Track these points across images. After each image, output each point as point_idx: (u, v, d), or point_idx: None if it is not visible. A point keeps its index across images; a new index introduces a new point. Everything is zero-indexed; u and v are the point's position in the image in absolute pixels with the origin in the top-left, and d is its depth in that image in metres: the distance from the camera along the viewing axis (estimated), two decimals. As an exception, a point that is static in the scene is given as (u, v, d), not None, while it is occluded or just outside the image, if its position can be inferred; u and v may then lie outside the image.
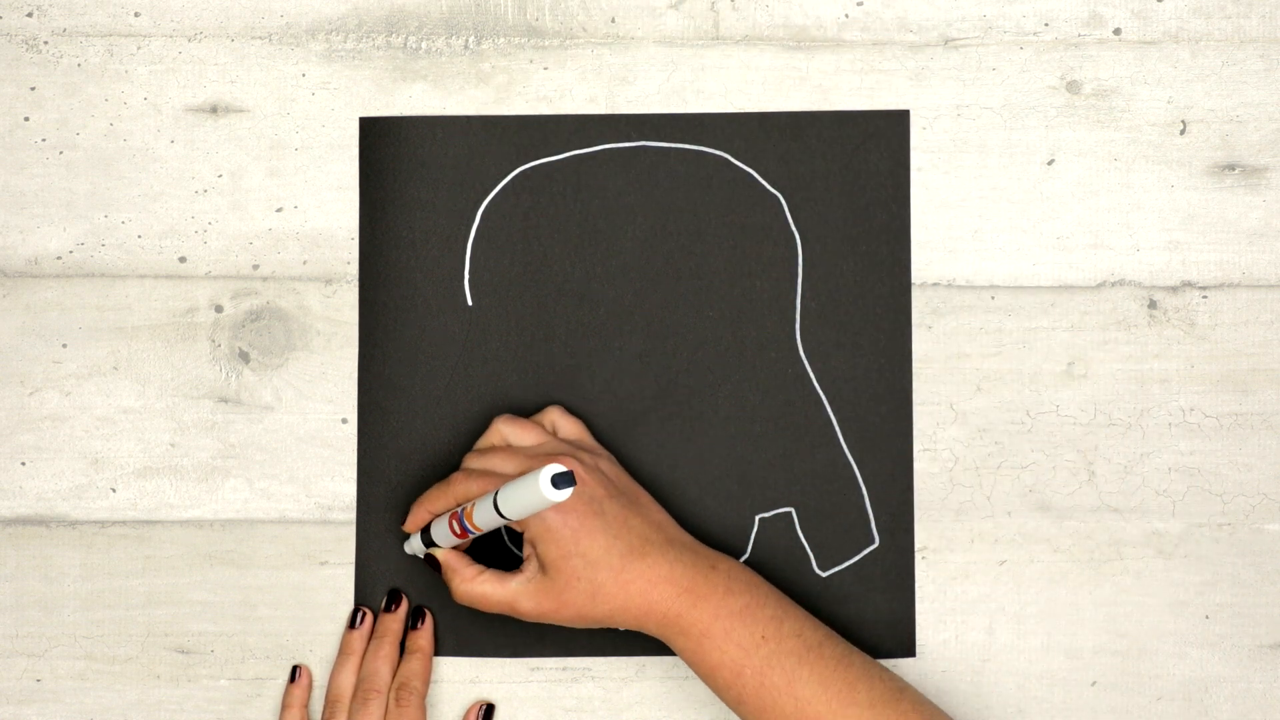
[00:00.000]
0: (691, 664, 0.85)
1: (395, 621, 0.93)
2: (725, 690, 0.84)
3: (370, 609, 0.93)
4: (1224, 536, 0.94)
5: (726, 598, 0.84)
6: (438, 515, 0.89)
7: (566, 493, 0.76)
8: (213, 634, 0.94)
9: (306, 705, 0.92)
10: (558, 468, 0.76)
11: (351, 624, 0.93)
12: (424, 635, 0.93)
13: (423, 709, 0.91)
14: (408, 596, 0.93)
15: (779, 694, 0.82)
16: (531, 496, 0.77)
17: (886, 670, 0.85)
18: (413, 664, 0.91)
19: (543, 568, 0.85)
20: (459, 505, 0.87)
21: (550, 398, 0.94)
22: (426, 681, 0.92)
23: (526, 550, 0.86)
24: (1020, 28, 0.94)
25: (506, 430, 0.90)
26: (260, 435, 0.94)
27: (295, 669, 0.93)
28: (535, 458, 0.86)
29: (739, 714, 0.84)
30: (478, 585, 0.87)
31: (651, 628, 0.85)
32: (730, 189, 0.94)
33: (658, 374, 0.94)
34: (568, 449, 0.88)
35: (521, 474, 0.82)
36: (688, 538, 0.88)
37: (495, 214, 0.94)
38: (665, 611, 0.84)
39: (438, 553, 0.89)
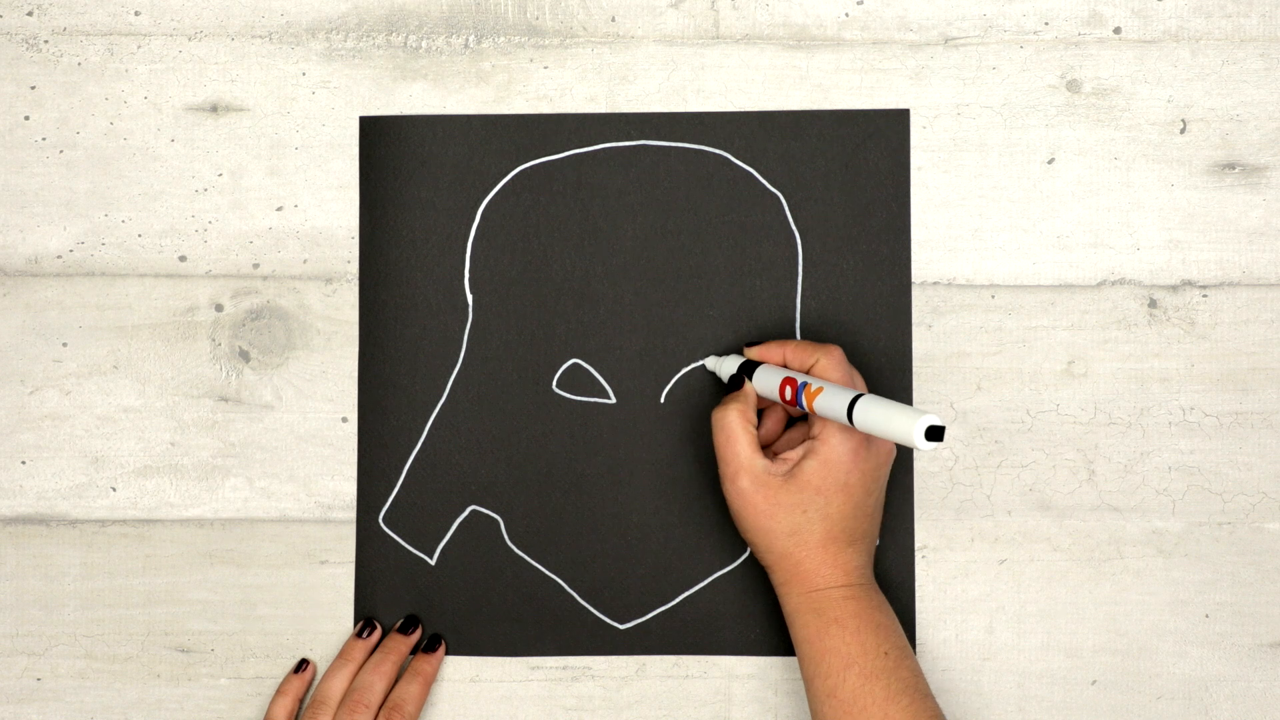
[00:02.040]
0: (806, 640, 0.85)
1: (405, 644, 0.92)
2: (823, 677, 0.84)
3: (380, 624, 0.93)
4: (1224, 535, 0.94)
5: (874, 610, 0.85)
6: (786, 366, 0.88)
7: (932, 446, 0.76)
8: (213, 633, 0.94)
9: (300, 698, 0.92)
10: (936, 420, 0.76)
11: (359, 633, 0.93)
12: (432, 662, 0.92)
13: None
14: (424, 624, 0.93)
15: (873, 702, 0.83)
16: (898, 427, 0.77)
17: None
18: (412, 687, 0.91)
19: (792, 476, 0.85)
20: (809, 372, 0.86)
21: (550, 396, 0.94)
22: (419, 709, 0.91)
23: (794, 453, 0.86)
24: (1020, 27, 0.94)
25: (837, 360, 0.87)
26: (260, 434, 0.94)
27: (303, 661, 0.93)
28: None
29: (819, 706, 0.84)
30: (743, 428, 0.86)
31: (795, 593, 0.86)
32: (730, 188, 0.94)
33: (657, 373, 0.94)
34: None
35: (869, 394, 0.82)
36: (874, 554, 0.90)
37: (495, 213, 0.94)
38: (821, 588, 0.85)
39: (749, 386, 0.88)
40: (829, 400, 0.83)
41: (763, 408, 0.90)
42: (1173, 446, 0.94)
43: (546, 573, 0.94)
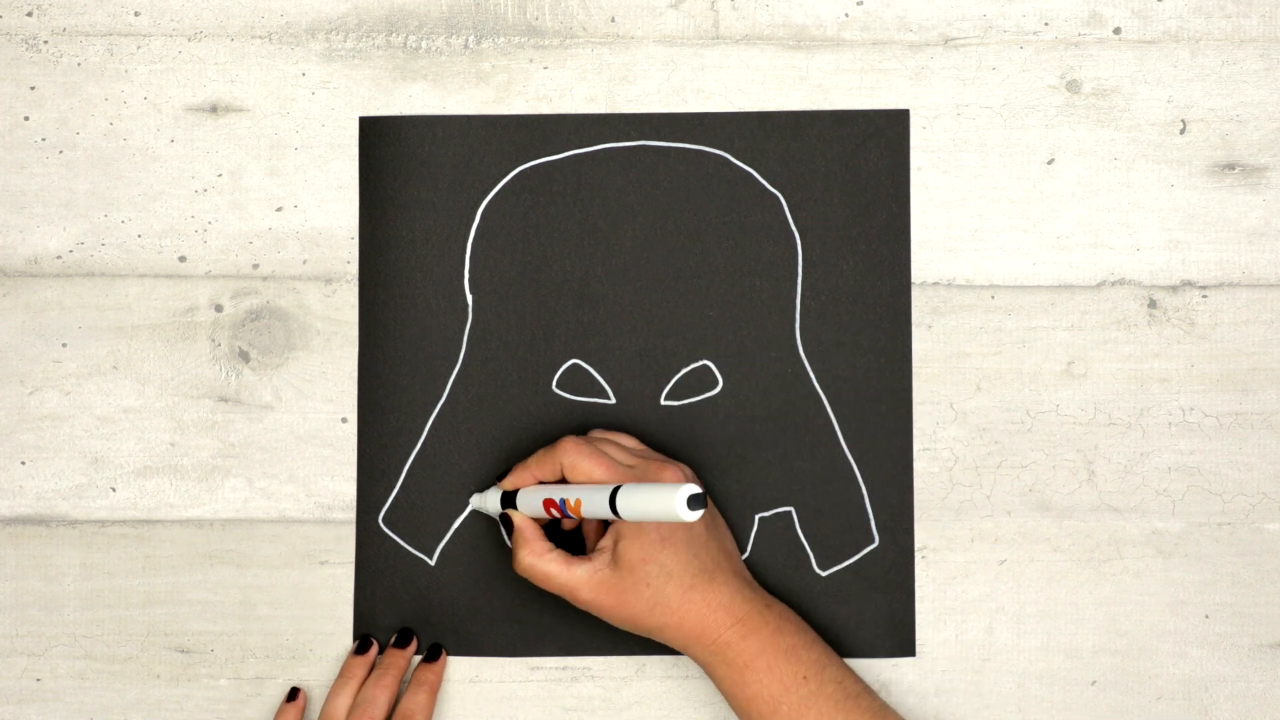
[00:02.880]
0: (729, 694, 0.86)
1: (403, 657, 0.92)
2: None
3: (380, 628, 0.93)
4: (1224, 536, 0.94)
5: (776, 635, 0.85)
6: (538, 482, 0.88)
7: (698, 514, 0.76)
8: (213, 634, 0.94)
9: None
10: (695, 489, 0.76)
11: (356, 650, 0.93)
12: (435, 670, 0.92)
13: None
14: (418, 636, 0.93)
15: None
16: (660, 508, 0.77)
17: None
18: (419, 697, 0.91)
19: (615, 563, 0.85)
20: (560, 481, 0.86)
21: (550, 397, 0.94)
22: (429, 718, 0.91)
23: (604, 541, 0.86)
24: (1020, 27, 0.94)
25: (574, 454, 0.86)
26: (260, 435, 0.94)
27: (294, 690, 0.93)
28: (647, 462, 0.86)
29: None
30: (545, 562, 0.86)
31: (697, 652, 0.86)
32: (730, 188, 0.94)
33: (657, 373, 0.94)
34: (672, 462, 0.87)
35: (633, 479, 0.82)
36: (748, 574, 0.90)
37: (495, 213, 0.94)
38: (715, 639, 0.85)
39: (515, 516, 0.88)
40: (591, 506, 0.82)
41: (575, 523, 0.89)
42: (1173, 447, 0.94)
43: (546, 573, 0.94)
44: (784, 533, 0.94)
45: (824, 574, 0.94)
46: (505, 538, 0.93)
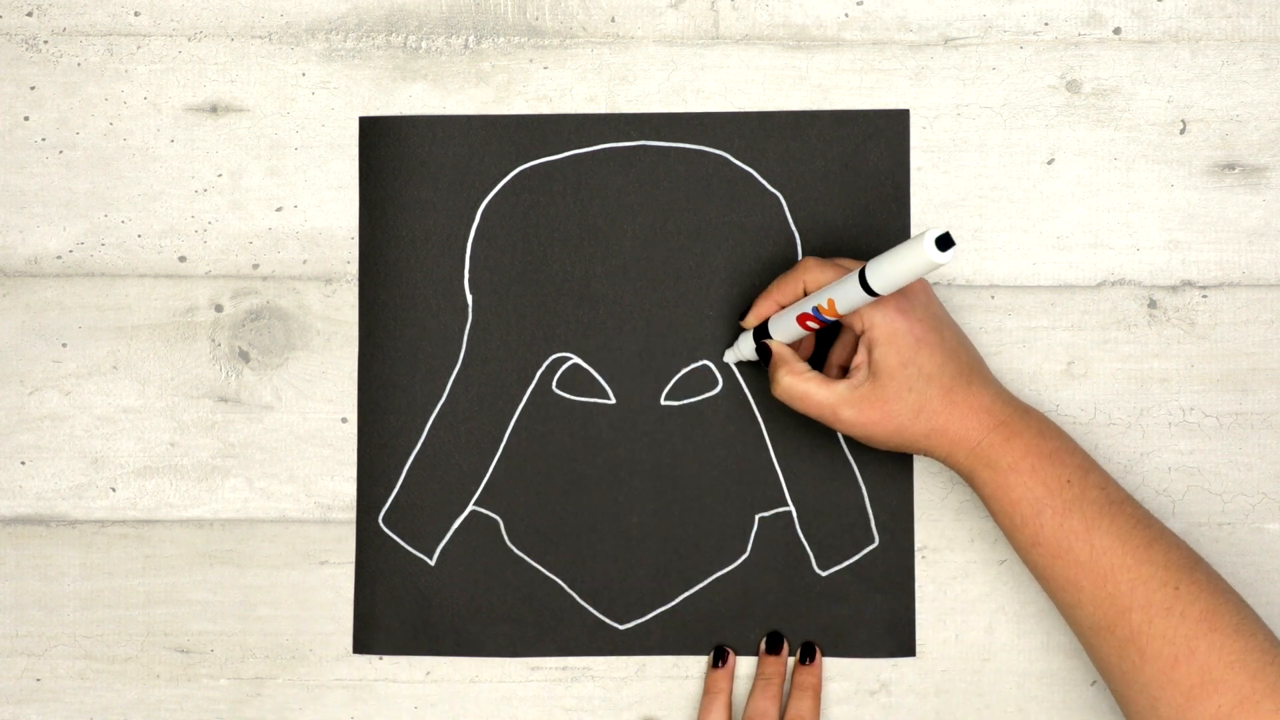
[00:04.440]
0: (991, 498, 0.84)
1: (782, 664, 0.92)
2: (1021, 528, 0.83)
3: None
4: (1224, 536, 0.94)
5: (1038, 439, 0.84)
6: (784, 307, 0.88)
7: (950, 255, 0.75)
8: (213, 634, 0.94)
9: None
10: (940, 230, 0.75)
11: (714, 663, 0.93)
12: (814, 673, 0.92)
13: None
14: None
15: (1076, 538, 0.81)
16: (912, 261, 0.76)
17: (1182, 541, 0.83)
18: (805, 702, 0.91)
19: (874, 375, 0.84)
20: (806, 296, 0.86)
21: (550, 397, 0.94)
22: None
23: (858, 358, 0.85)
24: (1020, 27, 0.94)
25: (815, 269, 0.87)
26: (260, 435, 0.94)
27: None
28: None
29: (1029, 557, 0.83)
30: (804, 381, 0.86)
31: (960, 457, 0.84)
32: (730, 188, 0.94)
33: (657, 373, 0.94)
34: None
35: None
36: (999, 382, 0.88)
37: (495, 213, 0.94)
38: (980, 441, 0.84)
39: (773, 344, 0.88)
40: (844, 297, 0.82)
41: (832, 321, 0.88)
42: (1172, 447, 0.94)
43: (546, 573, 0.94)
44: (784, 533, 0.94)
45: (824, 574, 0.94)
46: (762, 370, 0.91)
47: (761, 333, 0.89)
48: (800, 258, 0.94)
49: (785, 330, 0.87)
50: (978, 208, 0.94)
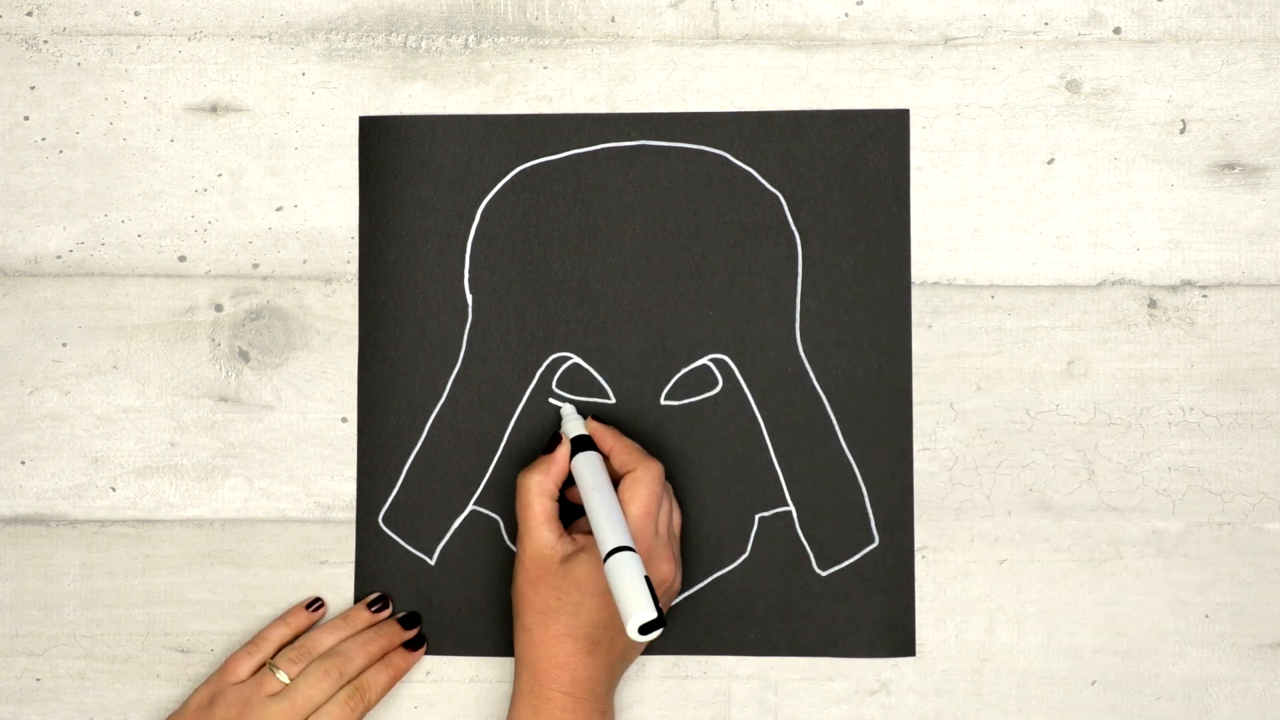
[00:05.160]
0: (510, 714, 0.87)
1: (399, 635, 0.92)
2: None
3: (391, 610, 0.93)
4: (1224, 535, 0.94)
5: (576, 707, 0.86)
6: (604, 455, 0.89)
7: (648, 638, 0.78)
8: (213, 633, 0.94)
9: (298, 634, 0.92)
10: (647, 617, 0.77)
11: (370, 604, 0.93)
12: (409, 659, 0.92)
13: (359, 718, 0.90)
14: (424, 625, 0.93)
15: None
16: (623, 609, 0.78)
17: None
18: (382, 676, 0.91)
19: (565, 560, 0.85)
20: (614, 477, 0.88)
21: (550, 396, 0.94)
22: (381, 697, 0.91)
23: (581, 539, 0.87)
24: (1020, 27, 0.94)
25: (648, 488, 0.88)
26: (260, 434, 0.94)
27: (318, 601, 0.93)
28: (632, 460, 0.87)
29: None
30: (539, 497, 0.87)
31: (526, 675, 0.86)
32: (730, 188, 0.94)
33: (657, 373, 0.94)
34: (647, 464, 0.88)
35: (647, 548, 0.85)
36: (611, 693, 0.89)
37: (495, 213, 0.94)
38: (548, 685, 0.86)
39: (562, 453, 0.88)
40: (600, 534, 0.83)
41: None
42: (1173, 446, 0.94)
43: (546, 573, 0.94)
44: (784, 533, 0.94)
45: (824, 574, 0.94)
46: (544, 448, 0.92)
47: (578, 444, 0.89)
48: (800, 257, 0.94)
49: (579, 475, 0.87)
50: (978, 208, 0.94)
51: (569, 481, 0.89)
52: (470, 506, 0.94)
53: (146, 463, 0.94)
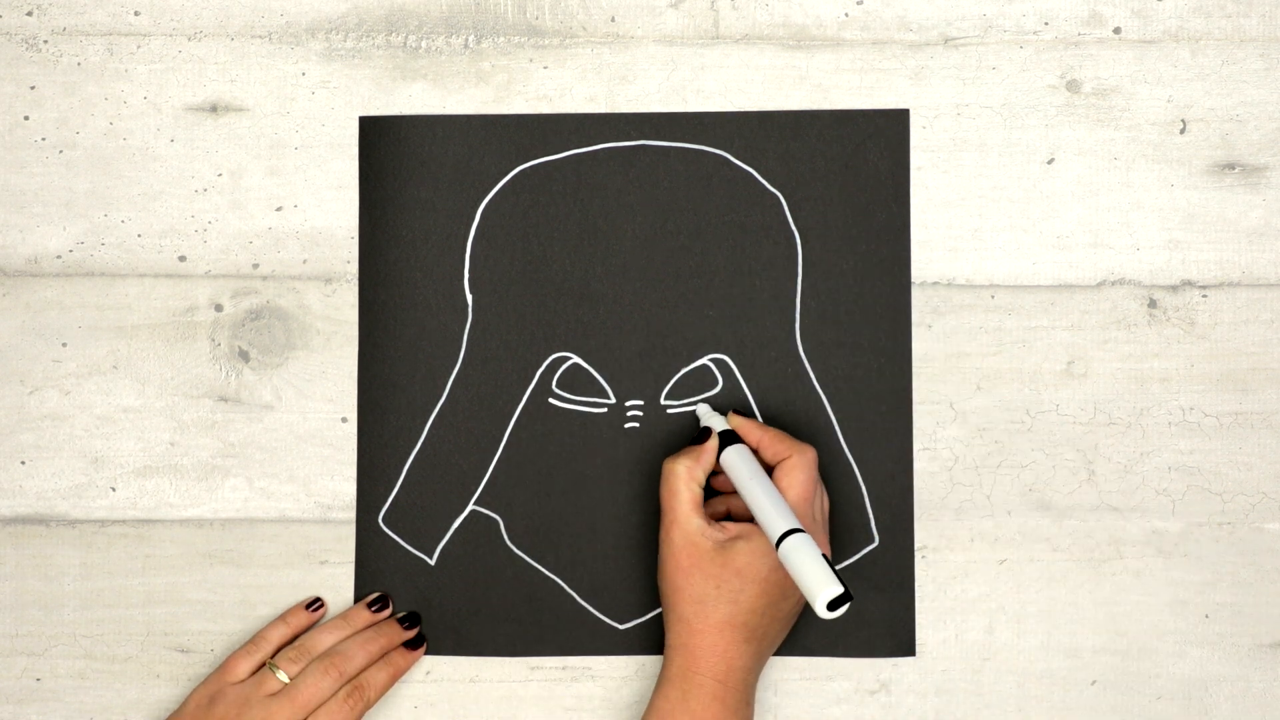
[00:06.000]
0: (657, 711, 0.87)
1: (399, 635, 0.92)
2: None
3: (392, 608, 0.93)
4: (1224, 535, 0.94)
5: (731, 716, 0.86)
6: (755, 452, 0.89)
7: (835, 615, 0.78)
8: (213, 633, 0.94)
9: (298, 634, 0.92)
10: (838, 591, 0.78)
11: (369, 604, 0.93)
12: (409, 658, 0.92)
13: (359, 717, 0.90)
14: (423, 625, 0.93)
15: None
16: (806, 587, 0.79)
17: None
18: (382, 675, 0.91)
19: (722, 548, 0.85)
20: (767, 467, 0.88)
21: (550, 396, 0.94)
22: (380, 696, 0.91)
23: (733, 528, 0.87)
24: (1020, 27, 0.94)
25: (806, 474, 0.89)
26: (260, 434, 0.94)
27: (318, 601, 0.93)
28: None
29: None
30: (686, 484, 0.87)
31: (679, 661, 0.86)
32: (730, 188, 0.94)
33: (657, 373, 0.94)
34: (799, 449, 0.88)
35: (815, 532, 0.86)
36: (763, 661, 0.89)
37: (495, 213, 0.94)
38: (701, 672, 0.85)
39: (711, 445, 0.89)
40: (765, 521, 0.84)
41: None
42: (1173, 446, 0.94)
43: (546, 573, 0.94)
44: (784, 532, 0.94)
45: (824, 574, 0.94)
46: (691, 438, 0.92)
47: (725, 438, 0.89)
48: (800, 257, 0.94)
49: (735, 463, 0.88)
50: (978, 207, 0.94)
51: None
52: (470, 506, 0.94)
53: (146, 463, 0.94)
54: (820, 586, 0.78)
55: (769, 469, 0.88)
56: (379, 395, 0.94)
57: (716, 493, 0.92)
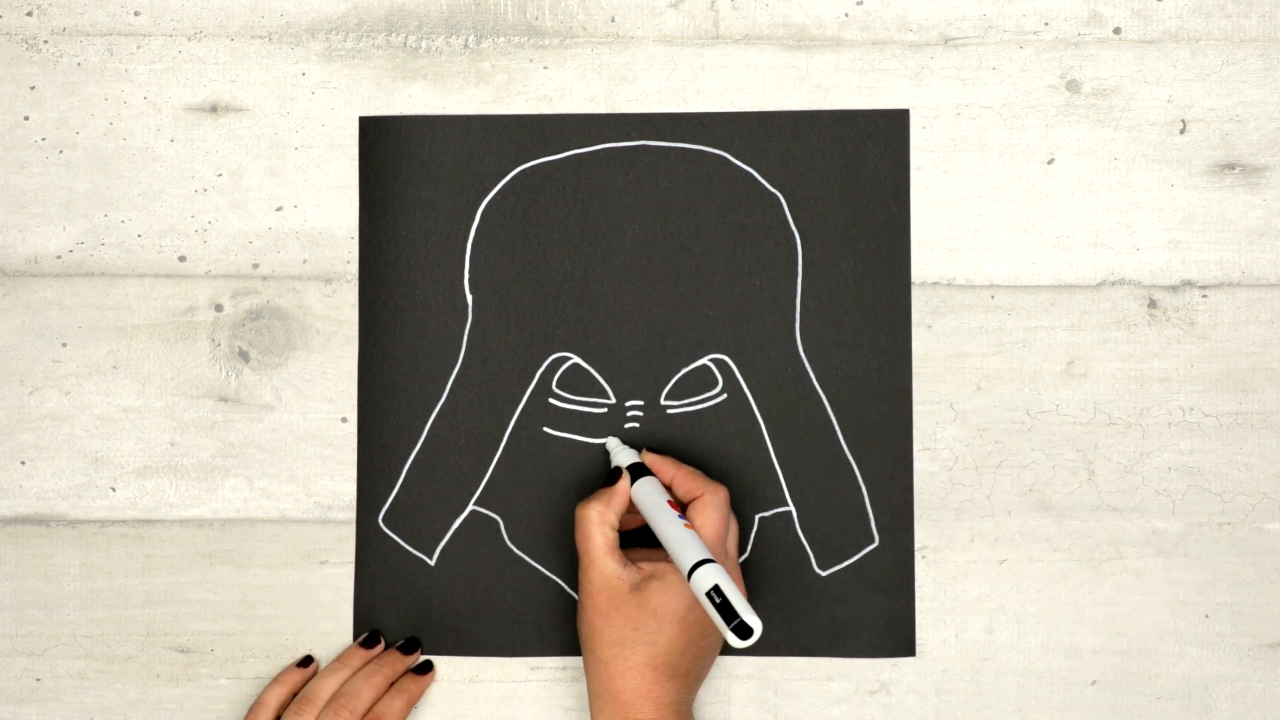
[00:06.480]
0: None
1: (402, 662, 0.92)
2: None
3: (383, 630, 0.93)
4: (1224, 535, 0.94)
5: None
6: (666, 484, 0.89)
7: (746, 643, 0.79)
8: (213, 633, 0.94)
9: (295, 691, 0.92)
10: (751, 621, 0.79)
11: (362, 643, 0.93)
12: (420, 684, 0.92)
13: None
14: (419, 636, 0.93)
15: None
16: (715, 612, 0.80)
17: None
18: (396, 703, 0.91)
19: (637, 589, 0.85)
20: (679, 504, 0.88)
21: (550, 396, 0.94)
22: None
23: (647, 566, 0.87)
24: (1020, 27, 0.94)
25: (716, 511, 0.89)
26: (260, 434, 0.94)
27: (308, 658, 0.93)
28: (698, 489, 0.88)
29: None
30: (600, 528, 0.87)
31: (607, 708, 0.86)
32: (730, 188, 0.94)
33: (657, 373, 0.94)
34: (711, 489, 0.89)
35: (725, 564, 0.86)
36: (694, 694, 0.89)
37: (495, 213, 0.94)
38: (632, 717, 0.85)
39: (624, 485, 0.89)
40: (679, 551, 0.84)
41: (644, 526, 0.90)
42: (1173, 446, 0.94)
43: (546, 573, 0.94)
44: (784, 533, 0.94)
45: (824, 574, 0.94)
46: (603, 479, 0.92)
47: (635, 471, 0.89)
48: (800, 257, 0.94)
49: (644, 501, 0.88)
50: (978, 207, 0.94)
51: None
52: (470, 506, 0.94)
53: (146, 463, 0.94)
54: (729, 616, 0.79)
55: (683, 507, 0.88)
56: (379, 395, 0.94)
57: (632, 533, 0.92)
